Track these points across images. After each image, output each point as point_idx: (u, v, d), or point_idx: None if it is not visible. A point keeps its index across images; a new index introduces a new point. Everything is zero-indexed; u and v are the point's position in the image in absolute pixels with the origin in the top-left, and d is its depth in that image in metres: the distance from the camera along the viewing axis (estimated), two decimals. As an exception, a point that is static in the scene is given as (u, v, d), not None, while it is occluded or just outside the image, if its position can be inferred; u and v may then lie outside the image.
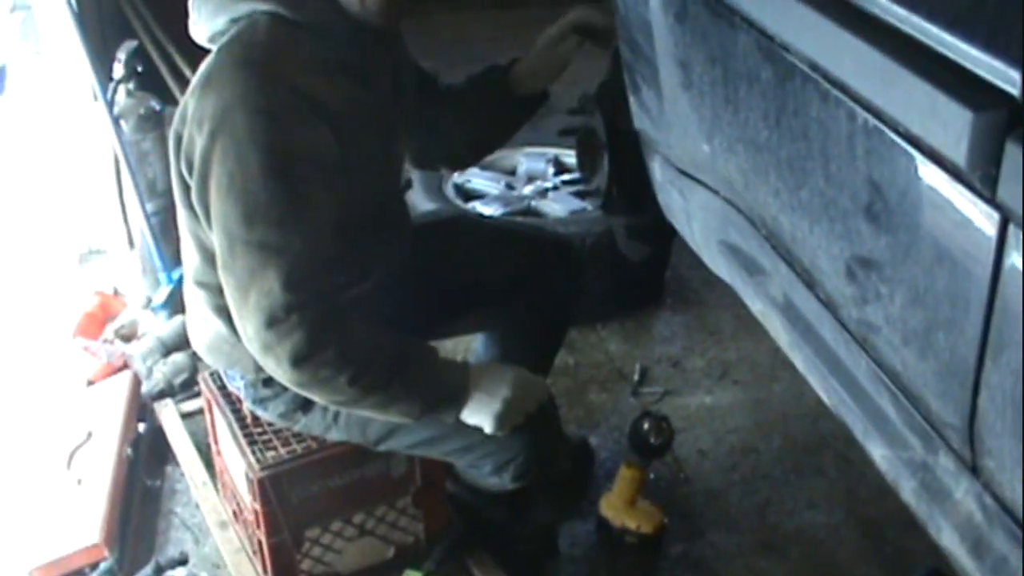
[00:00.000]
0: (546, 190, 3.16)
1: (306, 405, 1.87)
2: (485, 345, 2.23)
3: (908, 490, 1.15)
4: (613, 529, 2.26)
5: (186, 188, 1.73)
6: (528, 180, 3.23)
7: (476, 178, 3.20)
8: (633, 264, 2.74)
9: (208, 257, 1.75)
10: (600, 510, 2.29)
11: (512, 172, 3.28)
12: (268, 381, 1.84)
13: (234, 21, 1.69)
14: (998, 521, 0.99)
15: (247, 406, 2.00)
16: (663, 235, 2.21)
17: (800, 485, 2.48)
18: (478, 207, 3.05)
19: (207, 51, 1.75)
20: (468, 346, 2.53)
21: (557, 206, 3.08)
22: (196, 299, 1.89)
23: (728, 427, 2.66)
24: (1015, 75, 0.83)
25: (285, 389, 1.80)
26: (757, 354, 2.87)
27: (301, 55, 1.67)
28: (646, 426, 2.19)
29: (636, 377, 2.81)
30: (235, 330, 1.71)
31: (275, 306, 1.61)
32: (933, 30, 0.92)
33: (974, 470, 1.02)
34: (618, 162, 2.09)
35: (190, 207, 1.75)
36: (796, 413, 2.67)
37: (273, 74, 1.63)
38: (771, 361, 2.81)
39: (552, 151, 3.27)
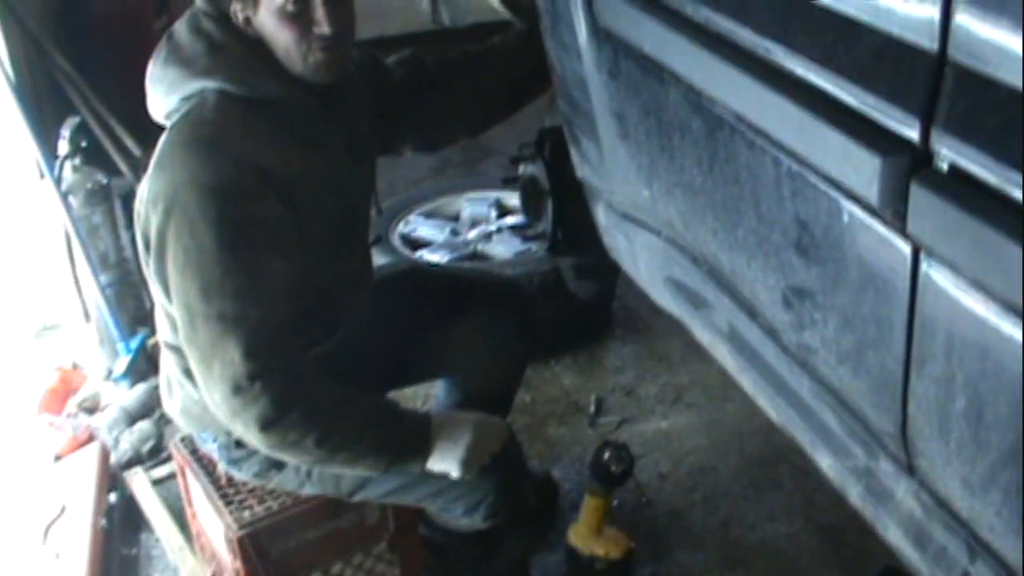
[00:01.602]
0: (490, 233, 3.22)
1: (280, 463, 1.90)
2: (446, 390, 2.26)
3: (855, 495, 1.24)
4: (582, 558, 2.30)
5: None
6: (472, 225, 3.29)
7: (421, 226, 3.26)
8: (582, 300, 2.81)
9: (175, 324, 1.79)
10: (568, 540, 2.32)
11: (455, 218, 3.34)
12: (241, 442, 1.87)
13: (185, 99, 1.74)
14: (935, 515, 1.09)
15: (221, 467, 2.03)
16: (610, 271, 2.29)
17: (759, 499, 2.53)
18: (425, 255, 3.11)
19: (153, 124, 1.80)
20: (428, 392, 2.59)
21: (502, 248, 3.14)
22: (168, 362, 1.93)
23: (685, 449, 2.71)
24: (914, 123, 0.94)
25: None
26: (708, 376, 2.92)
27: (249, 129, 1.72)
28: (606, 455, 2.23)
29: (592, 408, 2.87)
30: None
31: (238, 375, 1.65)
32: (842, 84, 1.03)
33: (911, 471, 1.11)
34: (561, 206, 2.18)
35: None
36: (750, 430, 2.71)
37: (221, 150, 1.68)
38: (722, 382, 2.83)
39: (494, 194, 3.34)
